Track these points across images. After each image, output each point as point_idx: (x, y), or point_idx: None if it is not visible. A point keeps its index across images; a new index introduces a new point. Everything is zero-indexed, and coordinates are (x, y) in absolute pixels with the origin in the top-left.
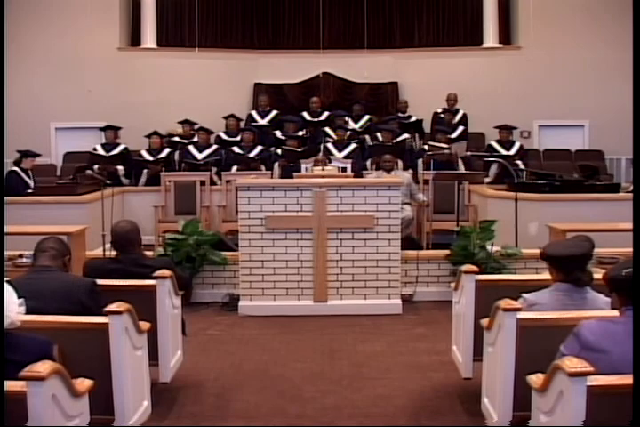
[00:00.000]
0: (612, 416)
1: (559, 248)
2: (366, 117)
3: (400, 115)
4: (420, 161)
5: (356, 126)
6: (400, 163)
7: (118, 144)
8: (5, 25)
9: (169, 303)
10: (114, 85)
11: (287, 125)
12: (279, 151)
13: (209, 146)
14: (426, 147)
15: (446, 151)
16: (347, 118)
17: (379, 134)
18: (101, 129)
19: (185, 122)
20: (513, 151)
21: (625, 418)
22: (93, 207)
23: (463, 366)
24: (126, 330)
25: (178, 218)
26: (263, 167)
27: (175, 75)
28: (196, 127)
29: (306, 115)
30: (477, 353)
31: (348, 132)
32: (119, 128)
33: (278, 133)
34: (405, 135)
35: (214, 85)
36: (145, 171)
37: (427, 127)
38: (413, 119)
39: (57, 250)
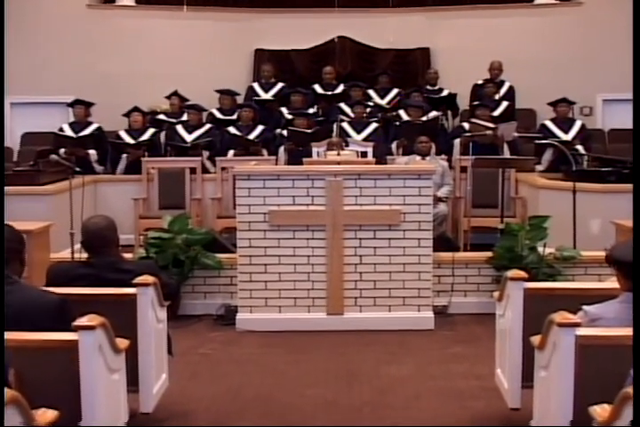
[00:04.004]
0: None
1: (629, 250)
2: (395, 91)
3: (428, 88)
4: (457, 142)
5: (383, 102)
6: (433, 146)
7: (90, 123)
8: None
9: (152, 316)
10: (83, 52)
11: (294, 99)
12: (285, 132)
13: (200, 125)
14: (466, 125)
15: (488, 132)
16: (370, 92)
17: (401, 112)
18: (69, 105)
19: (173, 95)
20: (572, 133)
21: None
22: (59, 200)
23: (509, 393)
24: (100, 349)
25: (163, 213)
26: (266, 151)
27: (159, 39)
28: (186, 103)
29: (318, 88)
30: (527, 378)
31: (368, 109)
32: (91, 104)
33: (284, 111)
34: (434, 112)
35: (207, 52)
36: (123, 156)
37: (464, 103)
38: (445, 93)
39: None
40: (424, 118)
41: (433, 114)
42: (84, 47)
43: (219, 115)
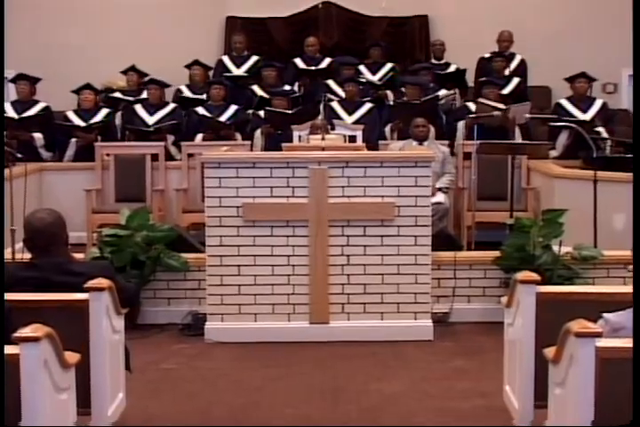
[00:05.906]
0: None
1: None
2: (388, 66)
3: (434, 62)
4: (460, 125)
5: (375, 78)
6: (432, 129)
7: (36, 102)
8: None
9: (107, 326)
10: (27, 19)
11: (266, 74)
12: (262, 113)
13: (163, 105)
14: (472, 105)
15: (496, 113)
16: (361, 67)
17: (404, 90)
18: (11, 80)
19: (130, 70)
20: (591, 113)
21: None
22: None
23: (520, 413)
24: (45, 364)
25: (120, 207)
26: (239, 135)
27: (115, 6)
28: (145, 79)
29: (299, 62)
30: (540, 396)
31: (361, 87)
32: (37, 79)
33: (256, 88)
34: (443, 91)
35: (171, 21)
36: (73, 140)
37: (469, 79)
38: (453, 68)
39: None
40: (424, 98)
41: (441, 92)
42: (27, 14)
43: (188, 93)
